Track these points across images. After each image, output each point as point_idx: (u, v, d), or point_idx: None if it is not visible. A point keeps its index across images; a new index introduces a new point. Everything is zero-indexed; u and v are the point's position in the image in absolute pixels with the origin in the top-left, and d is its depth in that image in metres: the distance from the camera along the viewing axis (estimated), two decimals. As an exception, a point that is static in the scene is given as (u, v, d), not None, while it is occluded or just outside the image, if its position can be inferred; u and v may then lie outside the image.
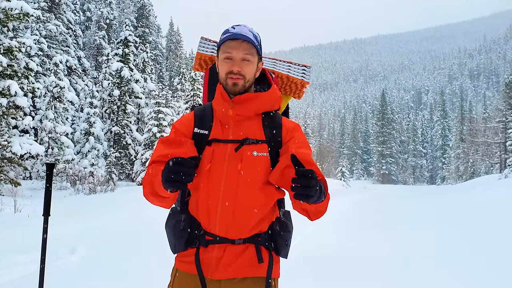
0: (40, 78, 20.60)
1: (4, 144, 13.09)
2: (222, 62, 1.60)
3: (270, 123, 1.63)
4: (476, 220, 9.01)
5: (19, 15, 13.32)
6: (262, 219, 1.58)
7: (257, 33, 1.64)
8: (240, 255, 1.54)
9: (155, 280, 3.99)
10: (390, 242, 6.94)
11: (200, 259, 1.55)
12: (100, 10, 35.09)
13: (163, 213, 1.93)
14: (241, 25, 1.62)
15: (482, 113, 60.86)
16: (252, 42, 1.58)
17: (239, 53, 1.57)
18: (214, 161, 1.57)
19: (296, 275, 4.48)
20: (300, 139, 1.62)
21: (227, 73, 1.58)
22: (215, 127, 1.62)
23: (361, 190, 30.13)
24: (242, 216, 1.54)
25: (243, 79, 1.58)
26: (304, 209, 1.50)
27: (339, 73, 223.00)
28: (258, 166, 1.56)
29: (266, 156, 1.58)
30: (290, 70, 2.01)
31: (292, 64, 2.03)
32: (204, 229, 1.57)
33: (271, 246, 1.58)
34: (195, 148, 1.59)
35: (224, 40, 1.58)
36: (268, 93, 1.65)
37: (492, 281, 4.51)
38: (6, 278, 4.37)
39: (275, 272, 1.60)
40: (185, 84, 32.43)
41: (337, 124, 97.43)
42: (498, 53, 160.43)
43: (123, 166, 23.87)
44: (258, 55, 1.62)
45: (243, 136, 1.58)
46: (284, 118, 1.68)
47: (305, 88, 2.01)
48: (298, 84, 1.98)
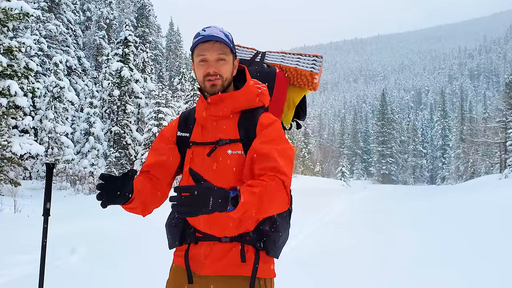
0: (40, 78, 20.59)
1: (4, 144, 13.09)
2: (198, 65, 1.61)
3: (245, 121, 1.63)
4: (476, 220, 9.01)
5: (19, 15, 13.31)
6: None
7: (228, 32, 1.65)
8: (226, 253, 1.57)
9: (155, 280, 3.99)
10: (389, 242, 6.94)
11: (189, 254, 1.62)
12: (100, 10, 35.08)
13: (163, 213, 1.93)
14: (212, 27, 1.63)
15: (482, 113, 60.88)
16: (224, 41, 1.59)
17: (213, 54, 1.58)
18: (192, 163, 1.63)
19: (296, 275, 4.49)
20: (268, 134, 1.57)
21: (204, 76, 1.60)
22: (195, 130, 1.68)
23: (361, 190, 30.14)
24: (220, 213, 1.53)
25: (220, 79, 1.60)
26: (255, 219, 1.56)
27: (339, 73, 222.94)
28: (232, 164, 1.58)
29: (240, 154, 1.58)
30: (299, 62, 1.98)
31: (302, 56, 2.01)
32: (194, 227, 1.64)
33: (259, 245, 1.58)
34: (178, 153, 1.68)
35: (197, 44, 1.59)
36: (242, 91, 1.64)
37: (492, 281, 4.52)
38: (6, 278, 4.37)
39: (264, 272, 1.59)
40: (185, 84, 32.44)
41: (337, 124, 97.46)
42: (498, 53, 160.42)
43: (123, 166, 23.86)
44: (232, 53, 1.64)
45: (218, 137, 1.61)
46: (264, 115, 1.64)
47: (315, 79, 1.96)
48: (307, 75, 1.95)
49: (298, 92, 2.00)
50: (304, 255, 5.40)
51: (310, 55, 2.01)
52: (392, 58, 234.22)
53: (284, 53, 2.05)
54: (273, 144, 1.54)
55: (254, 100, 1.65)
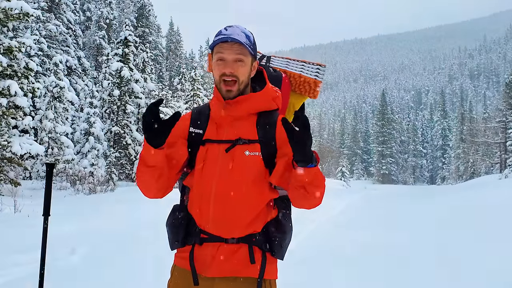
0: (40, 78, 20.59)
1: (4, 144, 13.09)
2: (215, 64, 1.61)
3: (264, 123, 1.64)
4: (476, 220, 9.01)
5: (19, 15, 13.31)
6: (254, 219, 1.58)
7: (250, 33, 1.65)
8: (233, 254, 1.56)
9: (154, 279, 3.99)
10: (389, 242, 6.94)
11: (194, 256, 1.58)
12: (100, 10, 35.08)
13: (163, 213, 1.93)
14: (234, 26, 1.63)
15: (482, 113, 60.91)
16: (244, 43, 1.58)
17: (231, 55, 1.58)
18: (207, 160, 1.60)
19: (296, 275, 4.49)
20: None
21: (221, 76, 1.59)
22: (209, 127, 1.65)
23: (361, 190, 30.14)
24: (232, 214, 1.56)
25: (236, 81, 1.59)
26: (302, 186, 1.47)
27: (339, 73, 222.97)
28: (249, 166, 1.57)
29: (258, 156, 1.59)
30: (304, 69, 2.00)
31: (306, 63, 2.03)
32: (199, 227, 1.60)
33: (265, 247, 1.58)
34: (186, 148, 1.64)
35: (217, 42, 1.59)
36: (261, 93, 1.65)
37: (492, 281, 4.52)
38: (6, 278, 4.37)
39: (270, 273, 1.60)
40: (185, 84, 32.45)
41: (337, 124, 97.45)
42: (498, 53, 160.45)
43: (123, 166, 23.86)
44: (251, 55, 1.63)
45: (236, 137, 1.60)
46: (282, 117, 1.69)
47: (318, 87, 2.00)
48: (311, 83, 1.98)
49: (298, 98, 2.02)
50: (304, 255, 5.40)
51: (314, 63, 2.03)
52: (392, 58, 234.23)
53: (288, 59, 2.07)
54: None
55: (271, 103, 1.67)
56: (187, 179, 1.68)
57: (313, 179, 1.46)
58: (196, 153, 1.64)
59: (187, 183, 1.69)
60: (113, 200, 12.41)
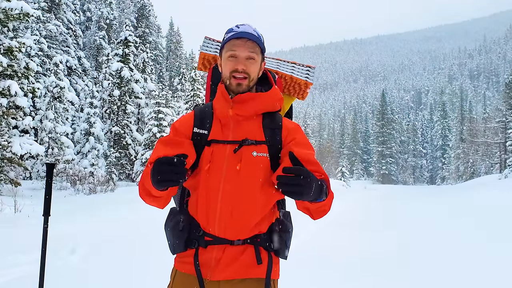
0: (40, 78, 20.60)
1: (4, 144, 13.10)
2: (226, 60, 1.59)
3: (270, 124, 1.62)
4: (475, 220, 9.01)
5: (19, 15, 13.33)
6: (261, 220, 1.57)
7: (260, 33, 1.65)
8: (239, 256, 1.53)
9: (154, 280, 4.00)
10: (389, 242, 6.94)
11: (199, 260, 1.54)
12: (100, 10, 35.10)
13: (163, 213, 1.93)
14: (246, 25, 1.62)
15: (482, 113, 60.85)
16: (257, 41, 1.58)
17: (244, 52, 1.57)
18: (213, 161, 1.55)
19: (296, 275, 4.49)
20: (301, 140, 1.61)
21: (232, 72, 1.58)
22: (214, 127, 1.61)
23: (361, 190, 30.13)
24: (240, 216, 1.53)
25: (247, 78, 1.58)
26: (306, 208, 1.49)
27: (339, 73, 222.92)
28: (257, 167, 1.54)
29: (265, 157, 1.56)
30: (294, 70, 2.01)
31: (296, 65, 2.03)
32: (203, 230, 1.55)
33: (270, 247, 1.57)
34: (194, 149, 1.58)
35: (229, 39, 1.58)
36: (269, 94, 1.64)
37: (492, 281, 4.52)
38: (6, 278, 4.37)
39: (275, 273, 1.59)
40: (185, 84, 32.47)
41: (337, 124, 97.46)
42: (498, 53, 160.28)
43: (123, 166, 23.87)
44: (262, 54, 1.63)
45: (242, 137, 1.57)
46: (285, 119, 1.67)
47: (308, 89, 2.00)
48: (302, 85, 1.98)
49: (287, 99, 2.01)
50: (304, 255, 5.40)
51: (303, 65, 2.03)
52: (392, 58, 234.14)
53: (279, 60, 2.06)
54: (308, 149, 1.59)
55: (275, 104, 1.66)
56: (188, 181, 1.63)
57: (320, 207, 1.48)
58: (200, 154, 1.59)
59: (188, 185, 1.64)
60: (113, 200, 12.41)
